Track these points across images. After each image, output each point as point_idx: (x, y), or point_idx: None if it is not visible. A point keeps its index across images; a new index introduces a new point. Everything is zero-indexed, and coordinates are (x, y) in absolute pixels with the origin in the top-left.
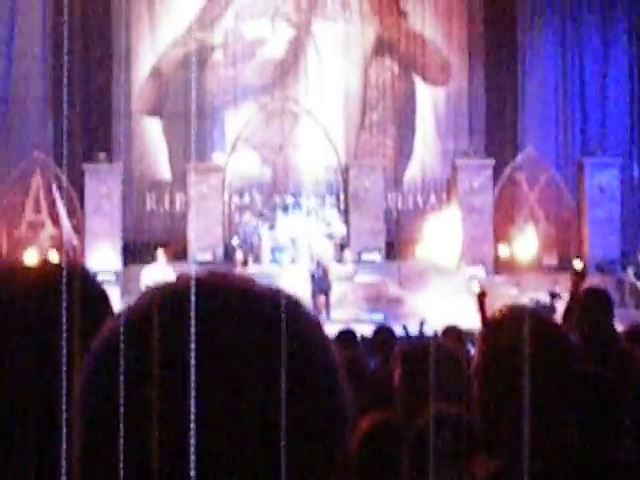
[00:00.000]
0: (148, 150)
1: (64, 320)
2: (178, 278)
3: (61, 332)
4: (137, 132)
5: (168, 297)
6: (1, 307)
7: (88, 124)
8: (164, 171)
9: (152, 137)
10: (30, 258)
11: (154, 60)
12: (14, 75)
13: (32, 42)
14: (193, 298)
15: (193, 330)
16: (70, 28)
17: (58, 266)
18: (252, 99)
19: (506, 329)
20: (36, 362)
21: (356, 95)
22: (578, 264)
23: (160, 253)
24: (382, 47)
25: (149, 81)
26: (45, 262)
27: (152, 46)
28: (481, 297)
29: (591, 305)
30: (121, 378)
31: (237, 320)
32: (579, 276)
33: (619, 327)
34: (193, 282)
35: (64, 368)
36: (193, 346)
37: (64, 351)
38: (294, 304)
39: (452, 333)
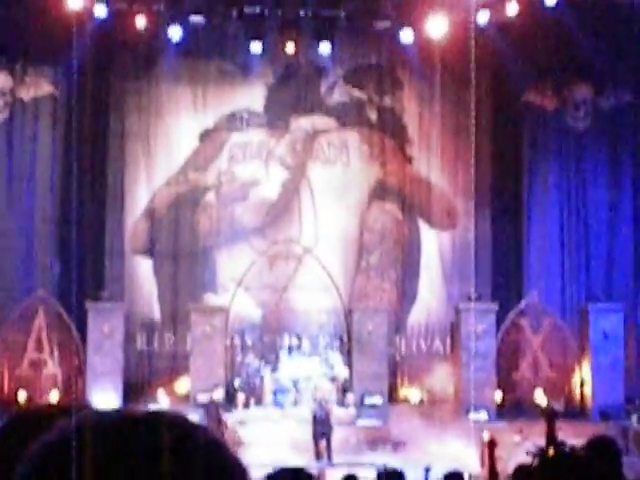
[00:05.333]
0: (141, 289)
1: None
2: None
3: None
4: (129, 272)
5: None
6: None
7: (86, 263)
8: (156, 310)
9: (144, 276)
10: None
11: (147, 199)
12: (18, 211)
13: (38, 180)
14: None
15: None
16: (73, 167)
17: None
18: (244, 240)
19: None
20: None
21: (353, 238)
22: (543, 404)
23: (161, 393)
24: (383, 191)
25: (142, 220)
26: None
27: (147, 185)
28: (491, 445)
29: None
30: None
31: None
32: (549, 416)
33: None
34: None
35: None
36: None
37: None
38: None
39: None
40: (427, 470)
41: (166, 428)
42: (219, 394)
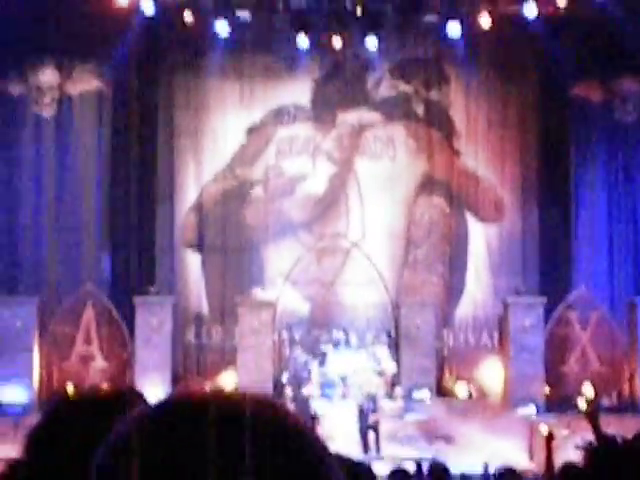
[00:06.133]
0: (189, 284)
1: None
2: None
3: None
4: (179, 266)
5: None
6: None
7: (135, 258)
8: (204, 304)
9: (194, 270)
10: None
11: (196, 195)
12: (67, 206)
13: (86, 175)
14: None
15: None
16: (121, 162)
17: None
18: (291, 235)
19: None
20: None
21: (400, 233)
22: (583, 404)
23: (209, 387)
24: (430, 185)
25: (190, 215)
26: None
27: (195, 180)
28: (549, 439)
29: None
30: None
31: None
32: (592, 415)
33: None
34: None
35: None
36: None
37: None
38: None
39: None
40: (486, 467)
41: (256, 412)
42: (309, 390)
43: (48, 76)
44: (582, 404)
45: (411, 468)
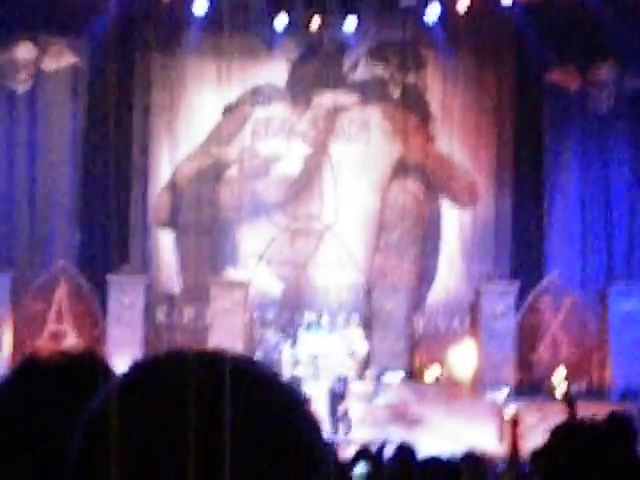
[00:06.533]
0: (162, 262)
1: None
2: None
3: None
4: (153, 244)
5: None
6: None
7: (108, 236)
8: (176, 284)
9: (166, 249)
10: None
11: (170, 173)
12: (40, 182)
13: (60, 151)
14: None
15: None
16: (96, 139)
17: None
18: (265, 215)
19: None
20: None
21: (373, 216)
22: (560, 390)
23: None
24: (404, 169)
25: (164, 194)
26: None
27: (169, 159)
28: (514, 423)
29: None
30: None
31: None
32: (569, 402)
33: None
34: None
35: None
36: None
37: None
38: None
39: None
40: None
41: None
42: (300, 371)
43: (23, 52)
44: (559, 390)
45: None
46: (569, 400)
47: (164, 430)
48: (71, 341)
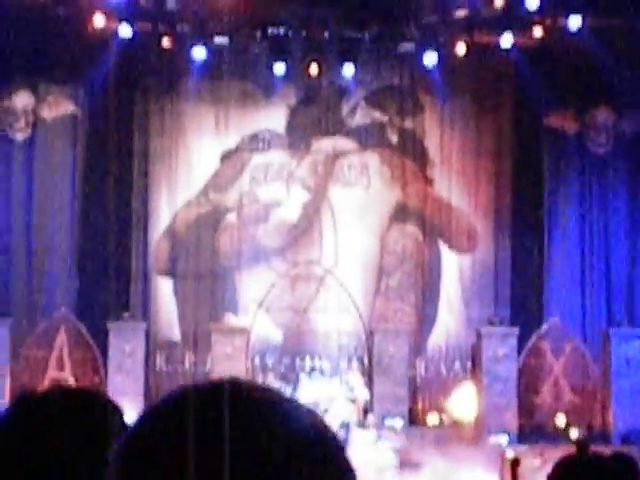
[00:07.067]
0: (162, 309)
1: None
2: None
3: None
4: (153, 291)
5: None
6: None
7: (108, 283)
8: (176, 330)
9: (166, 296)
10: None
11: (169, 220)
12: (39, 230)
13: (59, 199)
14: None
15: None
16: (94, 187)
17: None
18: (265, 261)
19: None
20: None
21: (373, 260)
22: (577, 437)
23: None
24: (403, 213)
25: (163, 240)
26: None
27: (168, 206)
28: (514, 464)
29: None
30: None
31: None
32: (581, 447)
33: None
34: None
35: None
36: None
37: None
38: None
39: None
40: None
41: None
42: None
43: (22, 100)
44: (568, 434)
45: None
46: (581, 444)
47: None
48: None
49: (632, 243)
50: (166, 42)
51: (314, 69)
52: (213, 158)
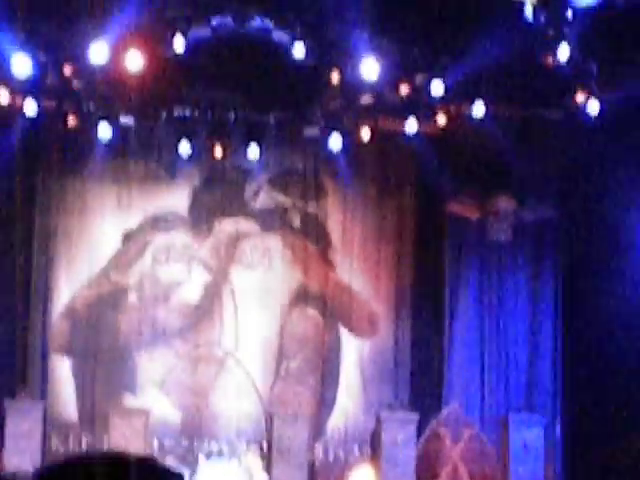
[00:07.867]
0: (60, 389)
1: None
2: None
3: None
4: (50, 371)
5: None
6: None
7: (6, 360)
8: (74, 411)
9: (64, 376)
10: None
11: (68, 299)
12: None
13: None
14: None
15: None
16: None
17: None
18: (165, 342)
19: None
20: None
21: (273, 343)
22: None
23: None
24: (305, 297)
25: (63, 320)
26: None
27: (68, 285)
28: None
29: None
30: None
31: None
32: None
33: None
34: None
35: None
36: None
37: None
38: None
39: None
40: None
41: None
42: None
43: None
44: None
45: None
46: None
47: None
48: None
49: (531, 329)
50: (71, 120)
51: (218, 151)
52: (115, 238)
